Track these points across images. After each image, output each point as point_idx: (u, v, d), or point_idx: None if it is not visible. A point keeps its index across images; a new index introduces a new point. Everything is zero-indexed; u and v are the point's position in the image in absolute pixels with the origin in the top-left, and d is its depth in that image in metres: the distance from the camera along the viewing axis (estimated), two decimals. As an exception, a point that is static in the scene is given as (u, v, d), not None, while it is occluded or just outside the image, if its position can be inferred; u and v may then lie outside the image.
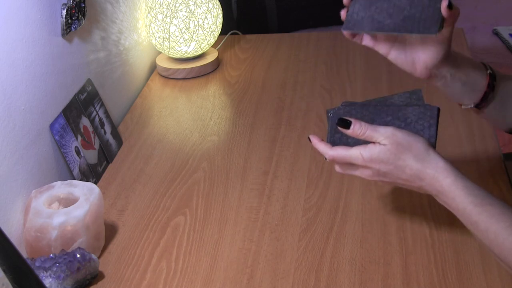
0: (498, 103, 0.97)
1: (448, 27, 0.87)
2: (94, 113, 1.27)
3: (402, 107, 0.89)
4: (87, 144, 1.21)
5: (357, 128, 0.87)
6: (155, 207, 1.13)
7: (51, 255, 0.93)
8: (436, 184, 0.84)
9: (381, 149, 0.86)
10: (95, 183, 1.19)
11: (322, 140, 0.90)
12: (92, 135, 1.24)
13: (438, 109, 0.89)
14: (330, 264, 0.96)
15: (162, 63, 1.62)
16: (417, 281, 0.92)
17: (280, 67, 1.61)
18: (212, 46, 1.65)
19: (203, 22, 1.54)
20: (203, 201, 1.13)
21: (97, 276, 0.97)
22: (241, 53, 1.71)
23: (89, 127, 1.24)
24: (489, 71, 0.95)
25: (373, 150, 0.86)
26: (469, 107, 0.97)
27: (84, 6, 1.23)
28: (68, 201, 1.02)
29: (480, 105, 0.96)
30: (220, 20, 1.60)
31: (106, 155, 1.26)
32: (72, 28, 1.21)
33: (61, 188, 1.03)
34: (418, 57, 0.90)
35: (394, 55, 0.92)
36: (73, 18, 1.21)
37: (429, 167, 0.84)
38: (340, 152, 0.89)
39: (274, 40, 1.77)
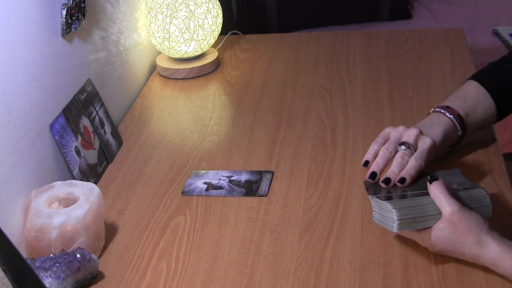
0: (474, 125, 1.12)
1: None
2: (94, 113, 1.27)
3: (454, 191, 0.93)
4: (87, 144, 1.21)
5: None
6: (155, 207, 1.13)
7: (51, 255, 0.93)
8: (495, 268, 0.89)
9: (439, 232, 0.90)
10: (95, 183, 1.19)
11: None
12: (92, 135, 1.24)
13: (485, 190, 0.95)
14: (330, 264, 0.96)
15: (162, 63, 1.62)
16: (417, 281, 0.92)
17: (280, 67, 1.61)
18: (212, 46, 1.65)
19: (203, 22, 1.54)
20: (203, 201, 1.13)
21: (97, 276, 0.97)
22: (241, 53, 1.71)
23: (89, 127, 1.24)
24: (459, 132, 1.10)
25: (432, 234, 0.91)
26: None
27: (84, 6, 1.23)
28: (68, 201, 1.02)
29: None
30: (220, 20, 1.60)
31: (106, 155, 1.26)
32: (72, 28, 1.21)
33: (61, 188, 1.03)
34: None
35: None
36: (73, 18, 1.21)
37: (487, 253, 0.89)
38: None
39: (274, 40, 1.77)
